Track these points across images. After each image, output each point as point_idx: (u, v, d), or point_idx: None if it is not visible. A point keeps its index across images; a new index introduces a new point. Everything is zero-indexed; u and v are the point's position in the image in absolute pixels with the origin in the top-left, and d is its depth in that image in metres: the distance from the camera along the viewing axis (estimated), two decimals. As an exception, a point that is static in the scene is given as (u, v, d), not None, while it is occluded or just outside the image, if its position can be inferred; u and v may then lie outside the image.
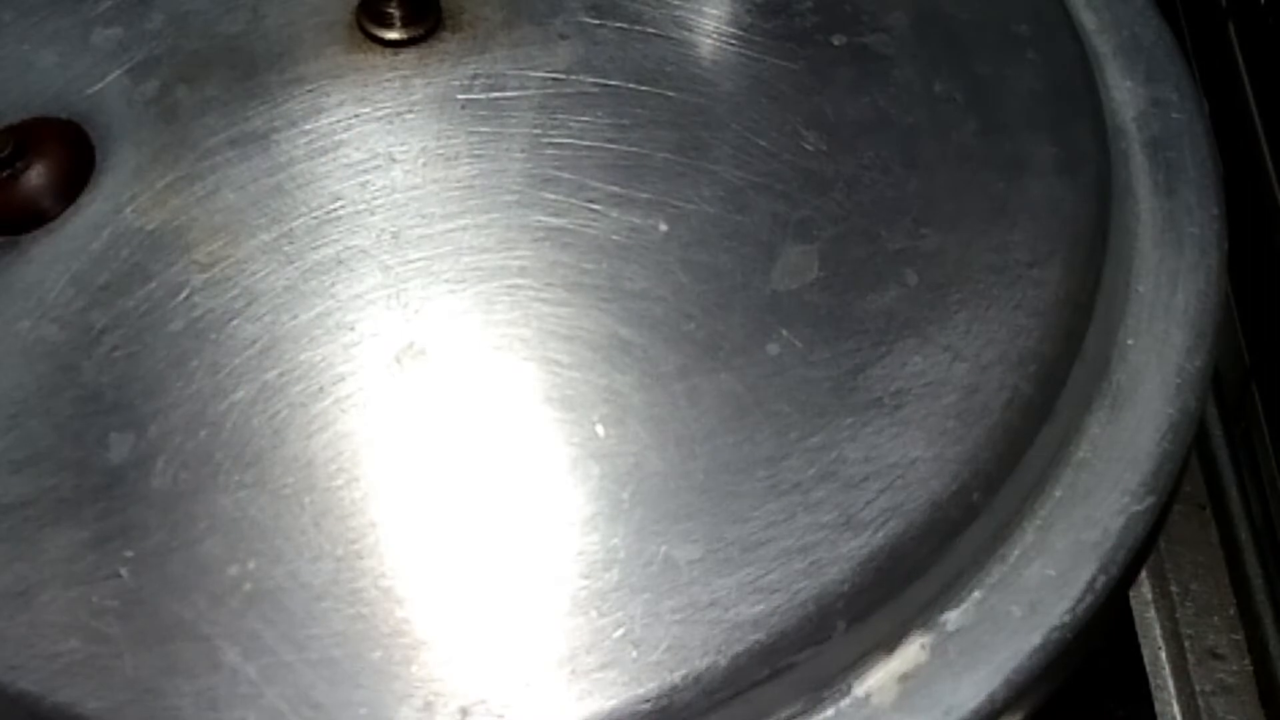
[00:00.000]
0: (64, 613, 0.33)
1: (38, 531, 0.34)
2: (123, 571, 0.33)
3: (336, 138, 0.39)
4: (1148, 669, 0.57)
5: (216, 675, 0.32)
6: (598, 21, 0.41)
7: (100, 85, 0.40)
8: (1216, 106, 0.58)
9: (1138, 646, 0.57)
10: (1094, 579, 0.36)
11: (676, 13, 0.41)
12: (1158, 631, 0.58)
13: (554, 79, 0.40)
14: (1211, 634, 0.57)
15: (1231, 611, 0.58)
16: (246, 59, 0.41)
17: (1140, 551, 0.37)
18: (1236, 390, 0.61)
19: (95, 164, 0.39)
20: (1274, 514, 0.56)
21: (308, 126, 0.39)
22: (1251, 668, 0.56)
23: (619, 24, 0.41)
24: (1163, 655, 0.57)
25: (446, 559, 0.34)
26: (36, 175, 0.38)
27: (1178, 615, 0.58)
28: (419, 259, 0.37)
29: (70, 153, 0.39)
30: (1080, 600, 0.35)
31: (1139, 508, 0.37)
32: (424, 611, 0.33)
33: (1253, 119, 0.58)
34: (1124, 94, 0.44)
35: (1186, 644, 0.57)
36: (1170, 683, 0.57)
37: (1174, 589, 0.58)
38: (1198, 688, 0.56)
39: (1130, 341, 0.39)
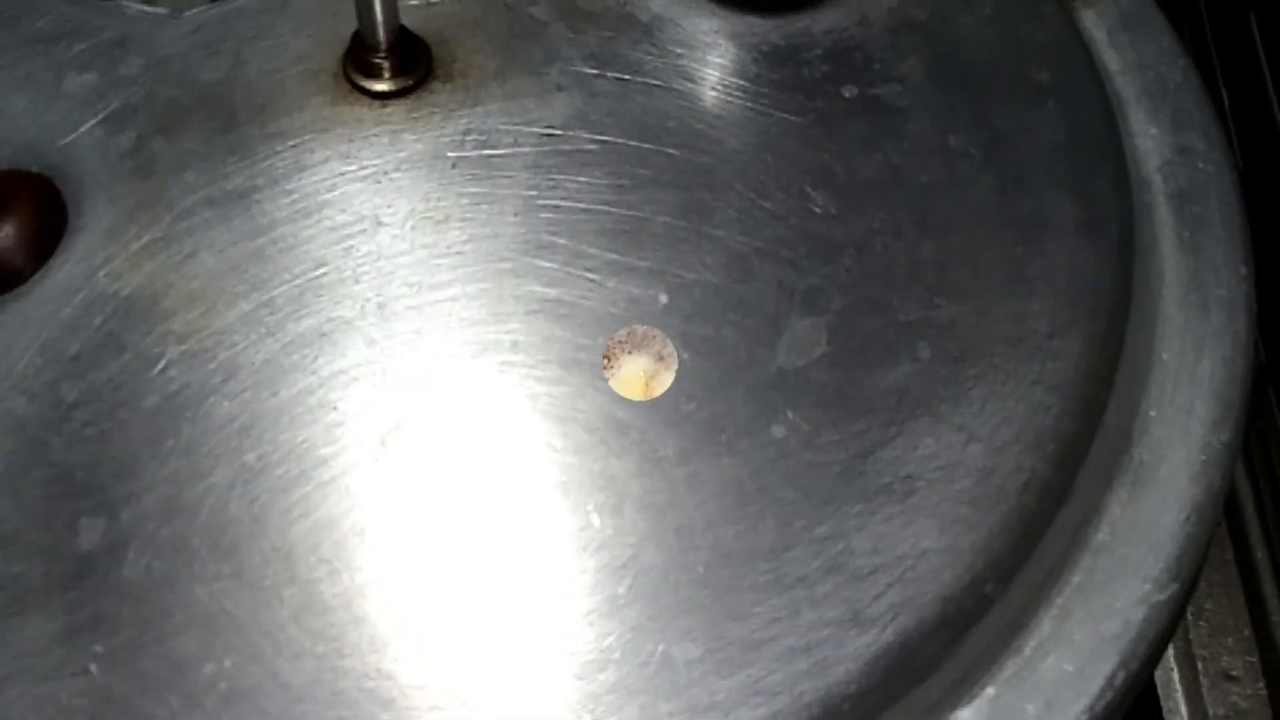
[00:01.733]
0: (31, 710, 0.31)
1: (4, 622, 0.32)
2: (92, 667, 0.32)
3: (320, 198, 0.37)
4: (1160, 692, 0.55)
5: (190, 781, 0.31)
6: (596, 71, 0.39)
7: (73, 136, 0.39)
8: (1246, 131, 0.57)
9: (1150, 668, 0.56)
10: (1114, 674, 0.34)
11: (679, 62, 0.39)
12: (1171, 653, 0.56)
13: (549, 135, 0.38)
14: (1225, 656, 0.56)
15: (1246, 633, 0.57)
16: (227, 109, 0.39)
17: (1162, 643, 0.35)
18: (1253, 401, 0.59)
19: (68, 222, 0.37)
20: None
21: (290, 186, 0.37)
22: (1266, 691, 0.55)
23: (618, 74, 0.39)
24: (1175, 677, 0.56)
25: (433, 658, 0.32)
26: (5, 235, 0.36)
27: (1191, 636, 0.57)
28: (405, 332, 0.35)
29: (41, 210, 0.37)
30: (1099, 698, 0.34)
31: (1161, 597, 0.35)
32: (409, 715, 0.31)
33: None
34: (1148, 141, 0.42)
35: (1200, 666, 0.56)
36: (1183, 706, 0.56)
37: (1188, 608, 0.57)
38: (1211, 711, 0.55)
39: (1153, 413, 0.38)
